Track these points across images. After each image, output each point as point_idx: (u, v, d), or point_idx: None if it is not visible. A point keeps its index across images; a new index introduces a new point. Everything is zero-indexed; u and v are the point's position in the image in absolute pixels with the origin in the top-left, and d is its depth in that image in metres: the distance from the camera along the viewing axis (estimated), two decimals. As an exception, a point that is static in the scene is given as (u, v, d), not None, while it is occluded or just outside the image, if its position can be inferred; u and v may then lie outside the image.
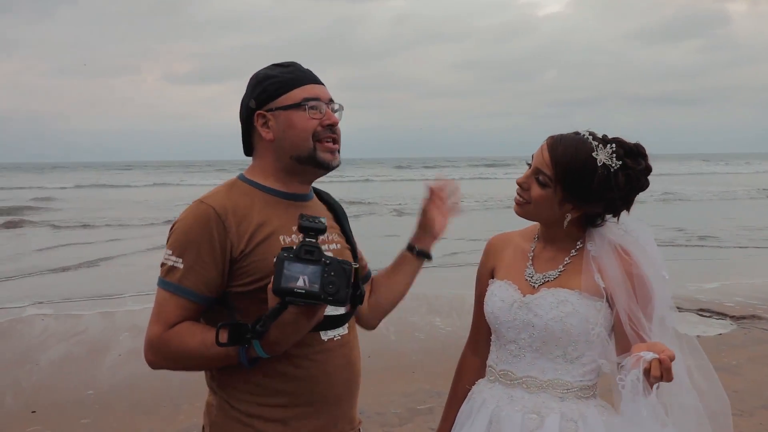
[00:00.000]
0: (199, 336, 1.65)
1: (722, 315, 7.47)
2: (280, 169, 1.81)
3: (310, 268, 1.48)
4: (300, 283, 1.47)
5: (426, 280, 2.04)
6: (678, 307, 7.87)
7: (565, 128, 1.86)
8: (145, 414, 4.75)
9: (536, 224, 1.96)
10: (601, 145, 1.77)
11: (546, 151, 1.80)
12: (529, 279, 1.89)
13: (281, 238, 1.73)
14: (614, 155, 1.76)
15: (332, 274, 1.49)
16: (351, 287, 1.53)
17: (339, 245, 1.87)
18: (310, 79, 1.81)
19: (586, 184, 1.76)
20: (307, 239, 1.52)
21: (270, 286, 1.51)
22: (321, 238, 1.58)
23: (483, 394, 1.93)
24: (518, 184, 1.86)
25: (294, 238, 1.74)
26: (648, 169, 1.82)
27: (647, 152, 1.82)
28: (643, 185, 1.82)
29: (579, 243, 1.88)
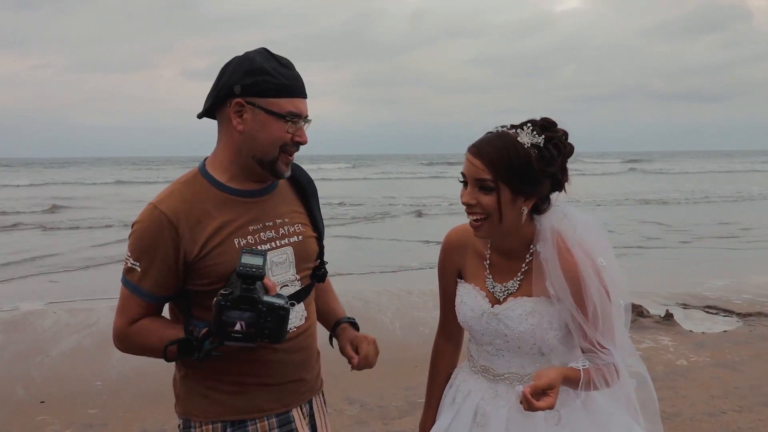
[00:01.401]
0: (157, 335, 1.76)
1: (729, 312, 7.45)
2: (239, 165, 1.82)
3: (247, 314, 1.58)
4: (237, 327, 1.59)
5: (434, 276, 2.11)
6: (685, 304, 7.89)
7: (584, 124, 1.92)
8: (151, 404, 4.84)
9: None
10: (519, 130, 1.78)
11: (475, 159, 1.77)
12: (492, 290, 1.92)
13: (236, 241, 1.78)
14: (534, 133, 1.77)
15: (268, 319, 1.60)
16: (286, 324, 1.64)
17: (301, 237, 1.91)
18: (300, 91, 1.80)
19: (527, 169, 1.75)
20: (243, 286, 1.60)
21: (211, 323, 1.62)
22: (263, 251, 1.68)
23: (468, 384, 1.99)
24: (465, 203, 1.81)
25: (250, 239, 1.80)
26: (566, 134, 1.83)
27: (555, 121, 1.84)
28: (570, 149, 1.83)
29: (531, 247, 1.88)
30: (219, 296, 1.59)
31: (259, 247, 1.80)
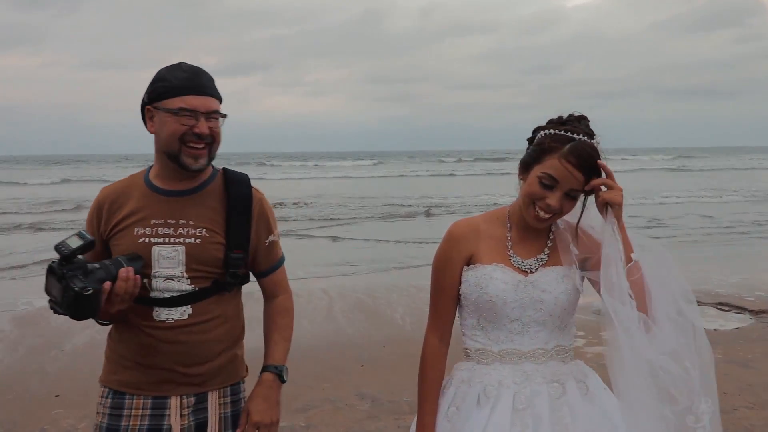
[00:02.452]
0: None
1: (741, 309, 7.42)
2: (160, 164, 2.10)
3: (58, 285, 1.87)
4: (54, 292, 1.89)
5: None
6: (697, 301, 7.87)
7: (595, 120, 1.94)
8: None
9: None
10: (596, 141, 1.90)
11: (578, 172, 1.86)
12: (519, 265, 1.96)
13: (136, 229, 2.05)
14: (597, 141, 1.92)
15: (70, 295, 1.85)
16: (91, 307, 1.88)
17: (200, 240, 2.05)
18: (195, 90, 2.01)
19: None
20: (59, 261, 1.88)
21: None
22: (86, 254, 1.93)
23: (491, 376, 1.94)
24: (549, 207, 1.89)
25: (147, 230, 2.04)
26: None
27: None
28: None
29: (553, 225, 2.02)
30: (51, 263, 1.89)
31: (150, 240, 2.03)
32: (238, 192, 2.12)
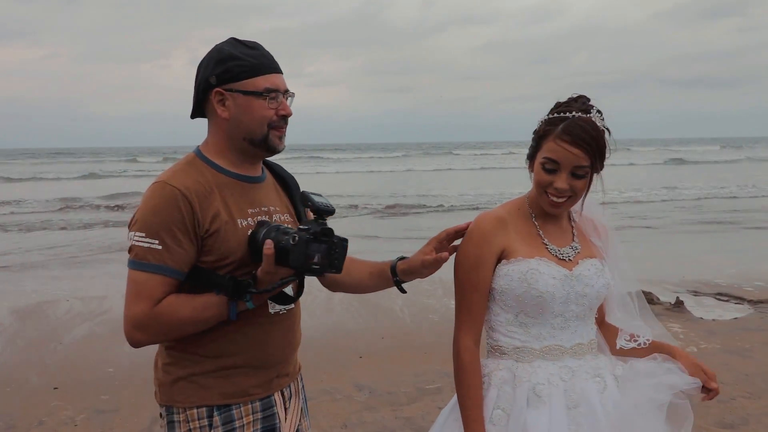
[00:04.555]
0: (190, 304, 1.78)
1: (740, 299, 7.42)
2: (232, 149, 1.89)
3: (323, 247, 1.74)
4: (316, 259, 1.74)
5: (444, 264, 2.05)
6: (695, 291, 7.87)
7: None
8: (163, 391, 4.88)
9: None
10: (595, 113, 1.88)
11: (574, 148, 1.83)
12: (559, 255, 1.93)
13: (239, 221, 1.84)
14: (600, 116, 1.90)
15: (336, 251, 1.76)
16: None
17: (290, 226, 1.92)
18: (273, 68, 1.88)
19: (604, 152, 1.90)
20: (321, 220, 1.77)
21: (288, 261, 1.71)
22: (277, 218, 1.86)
23: (538, 375, 1.88)
24: (559, 190, 1.86)
25: (250, 222, 1.86)
26: None
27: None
28: None
29: (572, 213, 2.03)
30: (300, 232, 1.71)
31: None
32: (286, 173, 2.08)
